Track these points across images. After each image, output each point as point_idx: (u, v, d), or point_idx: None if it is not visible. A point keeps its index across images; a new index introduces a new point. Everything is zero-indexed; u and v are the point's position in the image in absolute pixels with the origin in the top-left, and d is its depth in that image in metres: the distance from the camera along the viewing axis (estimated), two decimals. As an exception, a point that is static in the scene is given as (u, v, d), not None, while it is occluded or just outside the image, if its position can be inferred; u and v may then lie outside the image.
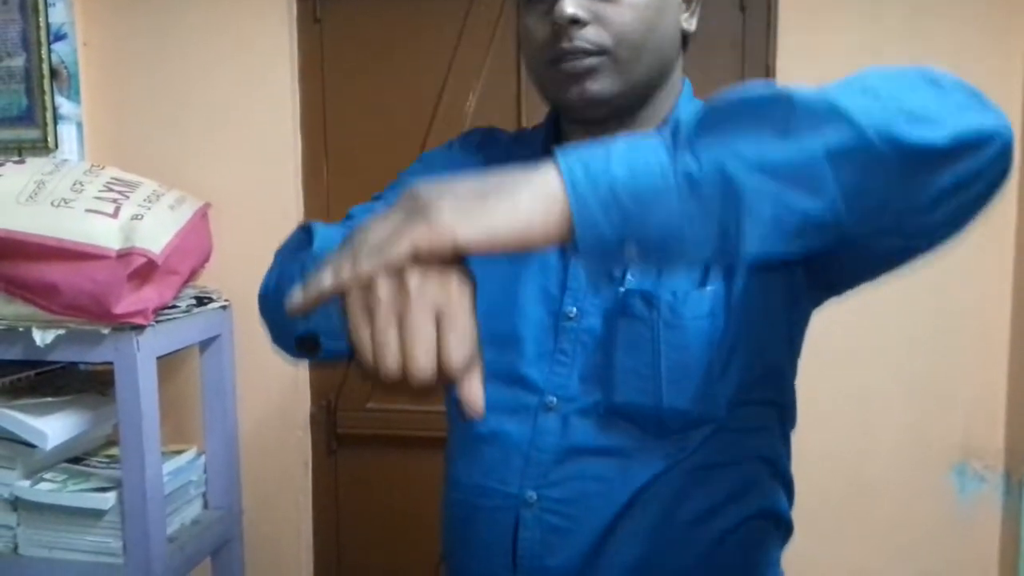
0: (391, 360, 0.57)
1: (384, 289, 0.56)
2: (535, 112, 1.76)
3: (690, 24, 0.95)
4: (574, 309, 0.90)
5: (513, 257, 0.93)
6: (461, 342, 0.58)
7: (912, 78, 0.64)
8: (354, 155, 1.85)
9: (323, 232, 0.86)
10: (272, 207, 1.83)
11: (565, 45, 0.84)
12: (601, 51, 0.84)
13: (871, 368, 1.71)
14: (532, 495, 0.88)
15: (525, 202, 0.57)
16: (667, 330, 0.85)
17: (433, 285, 0.57)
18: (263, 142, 1.82)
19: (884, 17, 1.64)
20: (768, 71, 1.70)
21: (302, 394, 1.88)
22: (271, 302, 0.89)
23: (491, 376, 0.91)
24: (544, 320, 0.91)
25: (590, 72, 0.85)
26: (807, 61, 1.67)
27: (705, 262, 0.61)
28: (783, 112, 0.58)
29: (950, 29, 1.63)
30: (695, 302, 0.85)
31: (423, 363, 0.57)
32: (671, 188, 0.56)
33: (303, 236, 0.88)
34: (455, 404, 0.96)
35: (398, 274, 0.56)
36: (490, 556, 0.92)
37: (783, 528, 0.99)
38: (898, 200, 0.60)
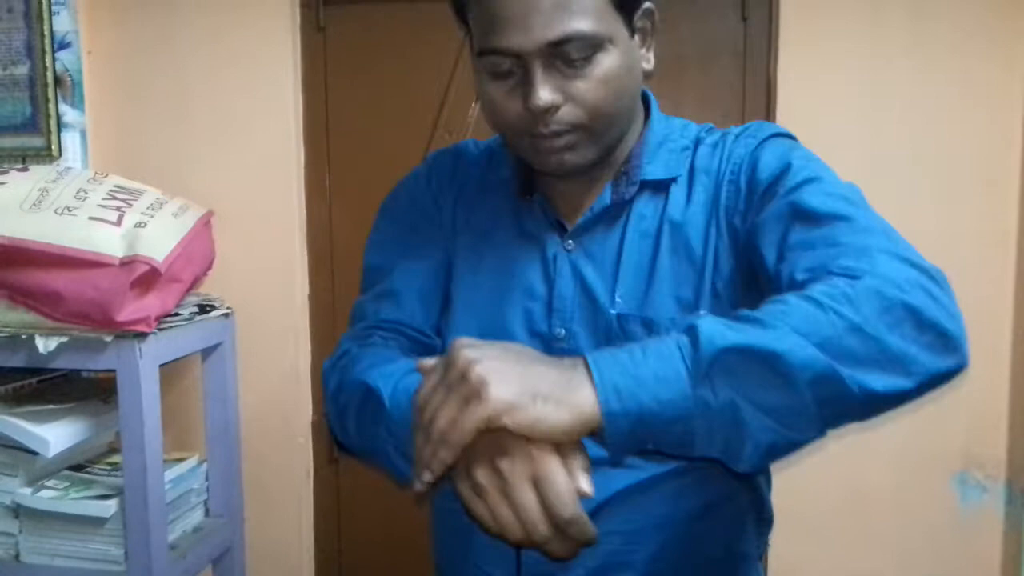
0: (515, 531, 0.67)
1: (484, 477, 0.68)
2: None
3: (650, 63, 0.93)
4: (563, 331, 0.92)
5: (497, 283, 0.96)
6: (561, 497, 0.66)
7: (899, 311, 0.69)
8: (356, 163, 1.86)
9: (390, 392, 0.83)
10: (274, 215, 1.83)
11: (543, 130, 0.85)
12: (576, 128, 0.85)
13: (873, 377, 1.71)
14: None
15: (567, 415, 0.66)
16: None
17: (520, 458, 0.67)
18: (266, 150, 1.83)
19: (885, 28, 1.65)
20: (769, 81, 1.71)
21: (304, 402, 1.89)
22: (365, 452, 0.89)
23: None
24: (532, 344, 0.91)
25: (568, 147, 0.87)
26: (808, 71, 1.67)
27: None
28: (784, 369, 0.66)
29: (952, 42, 1.63)
30: None
31: (539, 527, 0.66)
32: (691, 415, 0.66)
33: (367, 394, 0.86)
34: None
35: (490, 462, 0.68)
36: (492, 563, 0.93)
37: (766, 521, 1.02)
38: (865, 417, 0.71)
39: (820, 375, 0.66)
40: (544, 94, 0.82)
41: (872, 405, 0.69)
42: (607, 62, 0.84)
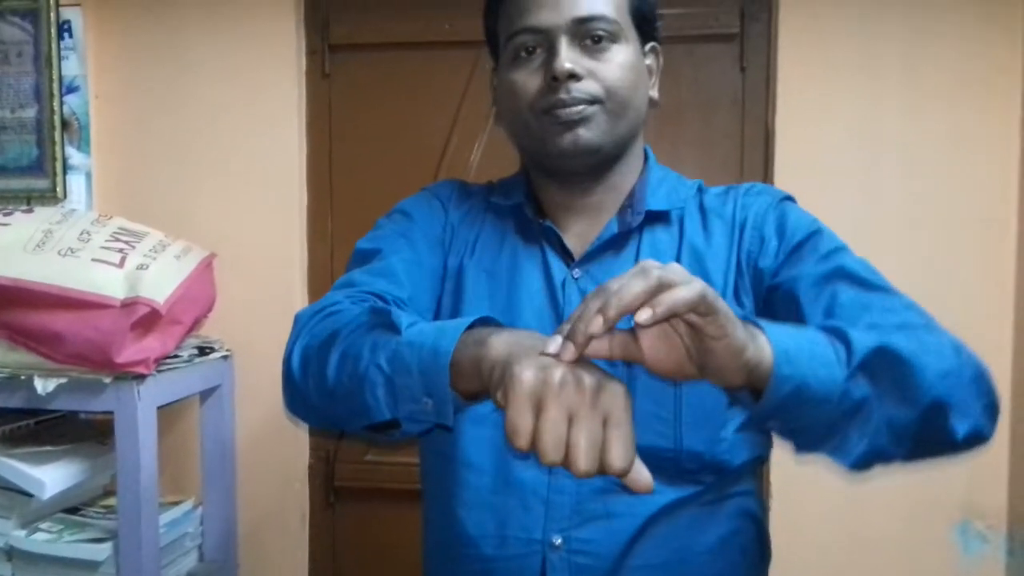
0: (555, 452, 0.60)
1: (562, 380, 0.61)
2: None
3: (656, 93, 1.03)
4: None
5: (505, 307, 0.98)
6: (626, 448, 0.61)
7: (973, 370, 0.80)
8: (359, 208, 1.87)
9: (408, 322, 0.79)
10: (276, 258, 1.84)
11: (563, 96, 0.92)
12: (594, 100, 0.93)
13: (872, 425, 1.71)
14: (558, 538, 0.91)
15: (751, 350, 0.67)
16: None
17: (604, 390, 0.62)
18: (270, 194, 1.84)
19: (882, 77, 1.67)
20: (767, 129, 1.73)
21: (300, 445, 1.88)
22: (334, 384, 0.82)
23: (499, 421, 0.92)
24: None
25: (584, 120, 0.93)
26: (806, 121, 1.70)
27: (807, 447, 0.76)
28: (915, 382, 0.74)
29: (945, 88, 1.66)
30: None
31: (587, 461, 0.60)
32: (836, 401, 0.71)
33: (376, 316, 0.83)
34: (447, 459, 0.96)
35: (575, 376, 0.62)
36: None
37: (767, 557, 1.05)
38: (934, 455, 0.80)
39: (936, 402, 0.74)
40: (567, 61, 0.91)
41: (948, 449, 0.78)
42: (624, 53, 0.95)
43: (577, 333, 0.63)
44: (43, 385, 1.46)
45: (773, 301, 0.93)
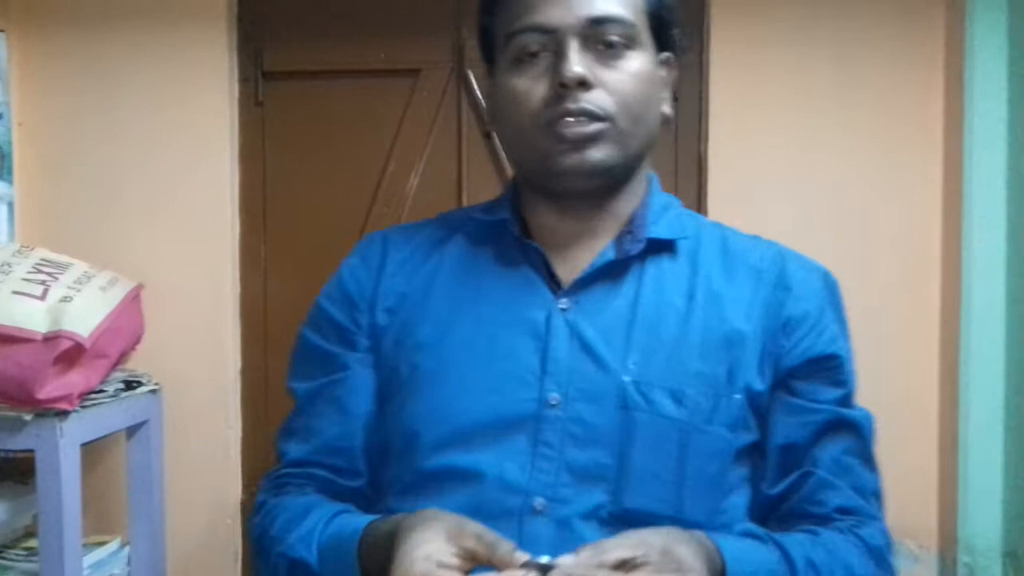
0: None
1: None
2: (476, 192, 1.79)
3: (669, 107, 0.94)
4: (556, 395, 0.84)
5: (478, 342, 0.88)
6: None
7: None
8: (293, 236, 1.85)
9: (316, 557, 0.83)
10: (207, 288, 1.80)
11: (570, 106, 0.82)
12: (605, 117, 0.83)
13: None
14: None
15: None
16: (697, 435, 0.82)
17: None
18: (201, 223, 1.81)
19: (811, 105, 1.71)
20: (700, 159, 1.76)
21: (232, 480, 1.83)
22: None
23: (467, 477, 0.82)
24: (522, 408, 0.84)
25: (592, 139, 0.83)
26: (738, 150, 1.73)
27: None
28: None
29: (875, 117, 1.70)
30: (725, 409, 0.84)
31: None
32: None
33: (293, 567, 0.85)
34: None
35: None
36: None
37: None
38: None
39: None
40: (578, 66, 0.81)
41: None
42: (639, 62, 0.86)
43: None
44: (-42, 423, 1.40)
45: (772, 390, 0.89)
